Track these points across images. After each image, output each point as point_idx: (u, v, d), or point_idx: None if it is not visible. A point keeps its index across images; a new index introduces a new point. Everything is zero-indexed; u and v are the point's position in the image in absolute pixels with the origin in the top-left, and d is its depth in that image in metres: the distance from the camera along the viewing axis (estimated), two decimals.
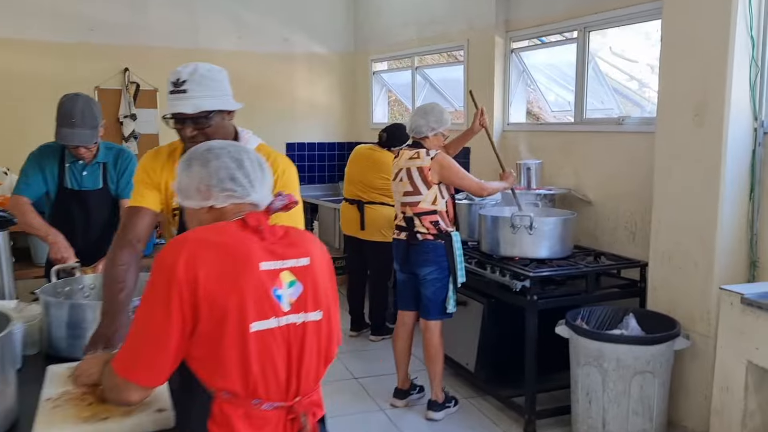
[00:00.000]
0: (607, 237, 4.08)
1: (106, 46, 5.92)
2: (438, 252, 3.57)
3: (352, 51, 6.96)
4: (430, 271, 3.58)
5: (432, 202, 3.55)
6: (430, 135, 3.64)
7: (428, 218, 3.56)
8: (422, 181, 3.54)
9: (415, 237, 3.60)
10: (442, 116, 3.65)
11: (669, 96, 3.31)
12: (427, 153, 3.55)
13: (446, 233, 3.58)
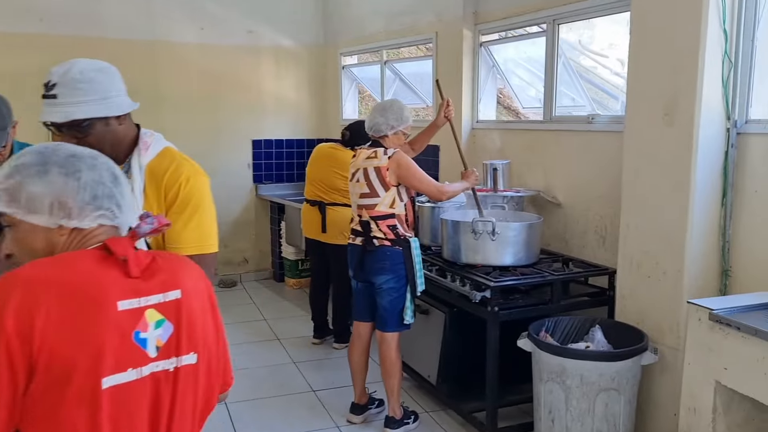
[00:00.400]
0: (577, 241, 3.89)
1: (56, 37, 5.64)
2: (395, 259, 3.36)
3: (321, 44, 6.71)
4: (387, 280, 3.37)
5: (390, 205, 3.34)
6: (390, 134, 3.43)
7: (385, 222, 3.35)
8: (380, 183, 3.33)
9: (371, 242, 3.38)
10: (402, 113, 3.44)
11: (638, 93, 3.11)
12: (385, 152, 3.34)
13: (404, 239, 3.37)
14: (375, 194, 3.34)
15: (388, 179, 3.31)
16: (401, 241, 3.36)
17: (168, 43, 6.05)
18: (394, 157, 3.32)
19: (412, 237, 3.41)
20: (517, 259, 3.43)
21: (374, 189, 3.34)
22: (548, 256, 3.76)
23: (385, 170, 3.31)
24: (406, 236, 3.38)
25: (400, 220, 3.37)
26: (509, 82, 4.76)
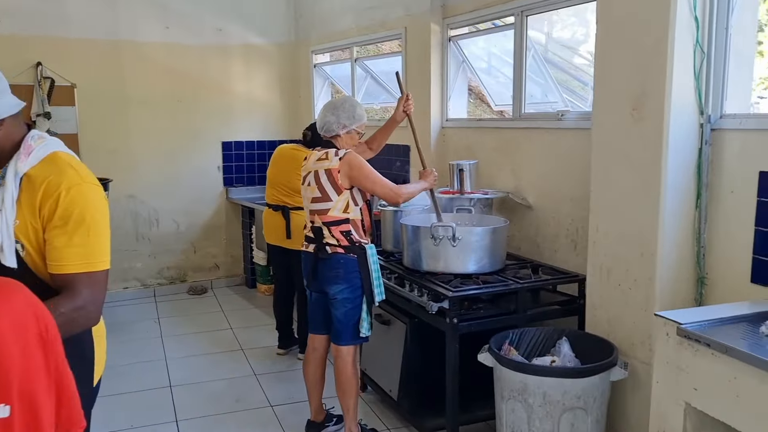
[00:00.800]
0: (549, 245, 3.66)
1: (15, 37, 5.40)
2: (349, 267, 3.13)
3: (292, 41, 6.48)
4: (341, 290, 3.14)
5: (343, 209, 3.11)
6: (342, 133, 3.20)
7: (339, 228, 3.12)
8: (331, 186, 3.10)
9: (323, 249, 3.15)
10: (355, 111, 3.21)
11: (605, 87, 2.88)
12: (336, 153, 3.11)
13: (359, 245, 3.14)
14: (327, 198, 3.12)
15: (340, 182, 3.08)
16: (356, 248, 3.13)
17: (133, 43, 5.81)
18: (346, 158, 3.09)
19: (368, 243, 3.18)
20: (481, 266, 3.20)
21: (326, 193, 3.12)
22: (517, 261, 3.54)
23: (336, 172, 3.08)
24: (362, 243, 3.15)
25: (355, 226, 3.15)
26: (480, 79, 4.53)
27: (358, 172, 3.09)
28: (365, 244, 3.16)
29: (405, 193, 3.19)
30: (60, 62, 5.54)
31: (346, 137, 3.21)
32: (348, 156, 3.09)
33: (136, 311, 5.69)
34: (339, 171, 3.07)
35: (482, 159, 4.13)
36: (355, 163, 3.09)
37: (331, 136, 3.21)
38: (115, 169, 5.83)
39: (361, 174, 3.09)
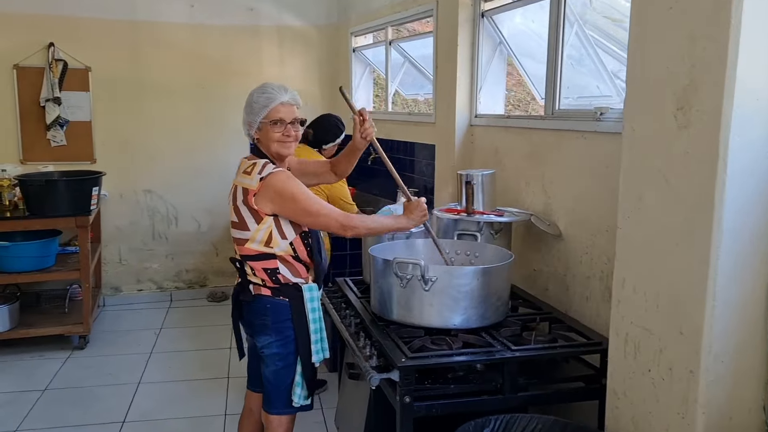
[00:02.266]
0: (579, 288, 2.72)
1: (26, 15, 5.00)
2: (279, 315, 2.37)
3: (333, 23, 5.74)
4: (269, 343, 2.39)
5: (264, 242, 2.35)
6: (254, 134, 2.44)
7: (261, 265, 2.37)
8: (248, 211, 2.33)
9: (246, 290, 2.41)
10: (251, 101, 2.41)
11: (639, 80, 1.93)
12: (261, 170, 2.33)
13: (294, 286, 2.37)
14: (244, 226, 2.36)
15: (258, 206, 2.31)
16: (288, 289, 2.36)
17: (153, 23, 5.29)
18: (269, 180, 2.29)
19: (306, 283, 2.40)
20: (465, 319, 2.33)
21: (242, 218, 2.35)
22: (529, 311, 2.64)
23: (252, 195, 2.30)
24: (296, 283, 2.37)
25: (285, 262, 2.38)
26: (521, 64, 3.59)
27: (290, 203, 2.30)
28: (302, 284, 2.38)
29: (360, 225, 2.36)
30: (74, 43, 5.10)
31: (262, 137, 2.41)
32: (272, 178, 2.29)
33: (143, 318, 5.18)
34: (256, 194, 2.29)
35: (510, 168, 3.22)
36: (281, 187, 2.29)
37: (255, 142, 2.46)
38: (131, 161, 5.36)
39: (290, 204, 2.31)
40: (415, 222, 2.42)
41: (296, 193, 2.30)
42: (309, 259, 2.43)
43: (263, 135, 2.40)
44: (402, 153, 4.52)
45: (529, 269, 3.08)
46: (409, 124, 4.46)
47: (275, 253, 2.35)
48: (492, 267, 2.38)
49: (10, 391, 3.87)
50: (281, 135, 2.38)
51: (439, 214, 2.93)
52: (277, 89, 2.39)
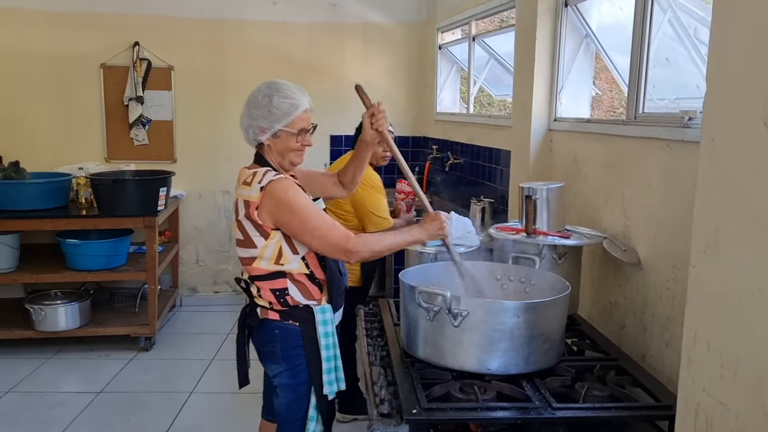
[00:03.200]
0: (659, 331, 2.24)
1: (114, 15, 5.04)
2: (289, 341, 2.13)
3: (422, 20, 5.41)
4: (279, 372, 2.16)
5: (274, 259, 2.12)
6: (265, 141, 2.17)
7: (269, 285, 2.13)
8: (252, 225, 2.11)
9: (253, 313, 2.18)
10: (271, 104, 2.14)
11: (723, 75, 1.46)
12: (261, 178, 2.10)
13: (304, 309, 2.10)
14: (250, 243, 2.13)
15: (263, 221, 2.08)
16: (298, 312, 2.10)
17: (236, 22, 5.19)
18: (269, 188, 2.06)
19: (320, 305, 2.11)
20: (504, 364, 1.93)
21: (248, 235, 2.14)
22: (593, 357, 2.18)
23: (255, 208, 2.08)
24: (308, 305, 2.09)
25: (297, 281, 2.12)
26: (612, 61, 3.09)
27: (282, 212, 2.06)
28: (315, 306, 2.09)
29: (363, 249, 2.07)
30: (158, 42, 5.09)
31: (276, 145, 2.16)
32: (272, 186, 2.06)
33: (214, 321, 5.09)
34: (259, 206, 2.07)
35: (590, 181, 2.76)
36: (280, 196, 2.05)
37: (258, 148, 2.22)
38: (210, 162, 5.30)
39: (285, 214, 2.06)
40: (430, 235, 2.13)
41: (294, 205, 2.04)
42: (324, 276, 2.15)
43: (279, 143, 2.15)
44: (481, 159, 4.11)
45: (605, 301, 2.62)
46: (488, 128, 4.05)
47: (286, 270, 2.11)
48: (540, 302, 1.96)
49: (67, 392, 3.85)
50: (301, 144, 2.16)
51: (494, 232, 2.54)
52: (298, 93, 2.17)
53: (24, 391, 3.85)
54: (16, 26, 4.94)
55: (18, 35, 4.95)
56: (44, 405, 3.67)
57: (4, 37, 4.94)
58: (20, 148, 4.99)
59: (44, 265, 4.51)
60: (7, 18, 4.93)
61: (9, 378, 4.00)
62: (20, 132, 5.05)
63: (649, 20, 2.35)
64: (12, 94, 5.02)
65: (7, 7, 4.90)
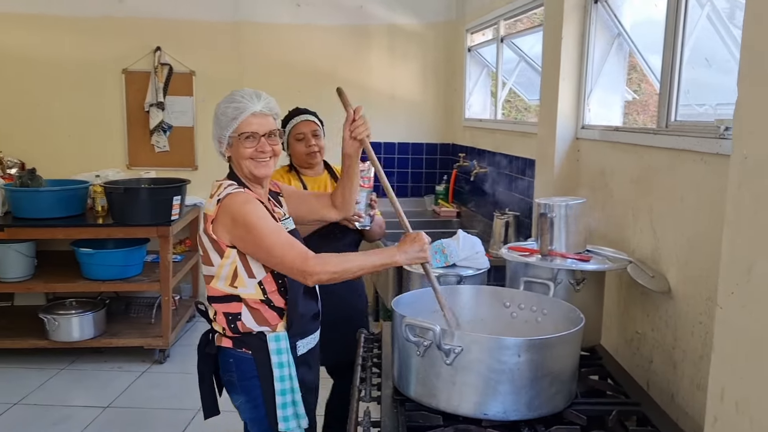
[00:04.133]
0: (690, 370, 1.96)
1: (136, 20, 4.96)
2: (244, 371, 2.00)
3: (451, 21, 5.16)
4: (241, 403, 2.04)
5: (229, 281, 1.97)
6: (225, 152, 2.06)
7: (223, 308, 2.01)
8: (209, 241, 1.98)
9: (209, 340, 2.07)
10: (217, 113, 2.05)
11: (757, 83, 1.20)
12: (219, 191, 1.97)
13: (257, 336, 1.96)
14: (208, 260, 2.01)
15: (218, 237, 1.94)
16: (251, 339, 1.97)
17: (257, 25, 5.06)
18: (225, 202, 1.92)
19: (273, 331, 1.97)
20: (503, 409, 1.67)
21: (206, 251, 2.00)
22: (611, 400, 1.91)
23: (211, 222, 1.95)
24: (262, 331, 1.96)
25: (251, 307, 1.98)
26: (647, 63, 2.80)
27: (237, 227, 1.90)
28: (268, 333, 1.95)
29: (321, 270, 1.87)
30: (179, 47, 4.99)
31: (233, 155, 2.04)
32: (228, 200, 1.92)
33: None
34: (215, 220, 1.94)
35: (618, 196, 2.49)
36: (235, 210, 1.89)
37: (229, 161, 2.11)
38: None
39: (240, 229, 1.89)
40: (409, 258, 1.92)
41: (251, 220, 1.87)
42: (284, 302, 1.98)
43: (234, 152, 2.02)
44: (507, 168, 3.85)
45: (632, 331, 2.34)
46: (515, 135, 3.79)
47: (240, 295, 1.96)
48: (546, 339, 1.70)
49: (73, 405, 3.74)
50: (254, 151, 1.97)
51: (506, 253, 2.28)
52: (247, 97, 2.01)
53: (32, 404, 3.76)
54: (39, 32, 4.90)
55: (40, 41, 4.91)
56: (49, 420, 3.57)
57: (26, 43, 4.91)
58: (43, 154, 4.96)
59: (60, 274, 4.44)
60: (29, 24, 4.89)
61: (19, 389, 3.92)
62: (43, 138, 5.02)
63: (683, 15, 2.07)
64: (35, 100, 4.98)
65: (30, 13, 4.87)
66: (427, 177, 5.32)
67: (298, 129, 2.82)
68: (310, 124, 2.85)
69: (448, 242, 2.31)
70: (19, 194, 4.22)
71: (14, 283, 4.33)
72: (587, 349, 2.22)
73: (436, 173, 5.30)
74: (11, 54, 4.91)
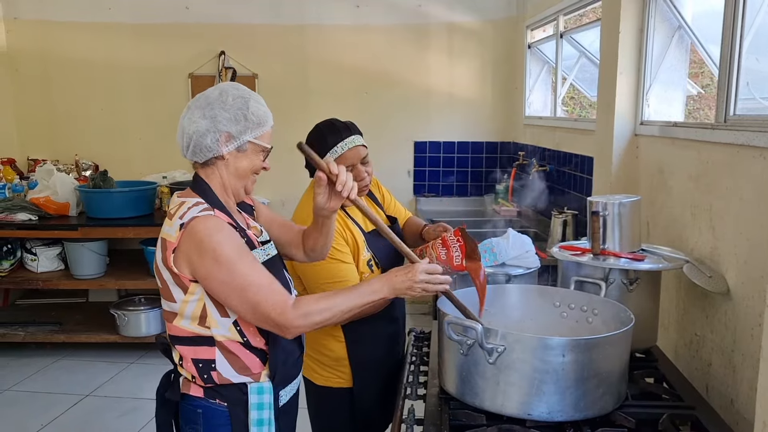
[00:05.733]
0: (749, 373, 1.87)
1: (201, 26, 5.12)
2: (213, 427, 1.71)
3: (512, 17, 5.10)
4: None
5: (197, 320, 1.65)
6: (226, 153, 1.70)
7: (191, 353, 1.68)
8: (169, 273, 1.63)
9: (172, 385, 1.78)
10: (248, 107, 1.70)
11: None
12: (186, 211, 1.62)
13: (237, 387, 1.71)
14: (168, 294, 1.66)
15: (179, 270, 1.60)
16: (229, 391, 1.70)
17: (318, 27, 5.13)
18: (191, 226, 1.57)
19: (256, 381, 1.72)
20: (547, 409, 1.64)
21: (165, 283, 1.66)
22: (663, 404, 1.85)
23: (172, 251, 1.60)
24: (243, 382, 1.71)
25: (227, 350, 1.67)
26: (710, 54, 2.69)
27: (204, 258, 1.56)
28: (250, 384, 1.71)
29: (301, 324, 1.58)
30: (243, 51, 5.12)
31: (237, 162, 1.70)
32: (195, 224, 1.57)
33: None
34: (176, 249, 1.59)
35: (676, 194, 2.41)
36: (202, 237, 1.56)
37: (205, 164, 1.71)
38: (293, 168, 5.20)
39: (207, 261, 1.56)
40: (396, 290, 1.68)
41: (222, 252, 1.54)
42: (266, 344, 1.72)
43: (243, 159, 1.70)
44: (567, 166, 3.78)
45: (691, 333, 2.26)
46: (574, 132, 3.71)
47: (213, 336, 1.65)
48: (592, 339, 1.67)
49: (141, 398, 3.89)
50: (263, 163, 1.75)
51: (557, 252, 2.24)
52: (265, 105, 1.76)
53: (102, 396, 3.94)
54: (111, 40, 5.12)
55: (111, 48, 5.13)
56: (117, 411, 3.73)
57: (98, 50, 5.14)
58: (115, 157, 5.18)
59: (130, 271, 4.63)
60: (101, 32, 5.12)
61: (91, 381, 4.12)
62: (115, 142, 5.24)
63: (742, 3, 1.98)
64: (107, 106, 5.21)
65: (101, 21, 5.10)
66: (488, 176, 5.27)
67: (348, 159, 2.15)
68: (361, 149, 2.20)
69: (498, 241, 2.29)
70: (91, 195, 4.42)
71: (88, 280, 4.54)
72: (643, 351, 2.16)
73: (496, 172, 5.25)
74: (85, 61, 5.15)
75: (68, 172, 4.91)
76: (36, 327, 4.58)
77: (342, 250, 2.15)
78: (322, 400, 2.36)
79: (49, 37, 5.13)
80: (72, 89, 5.20)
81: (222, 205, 1.70)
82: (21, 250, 4.66)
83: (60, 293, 5.13)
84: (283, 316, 1.57)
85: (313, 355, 2.33)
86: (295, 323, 1.58)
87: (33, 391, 3.98)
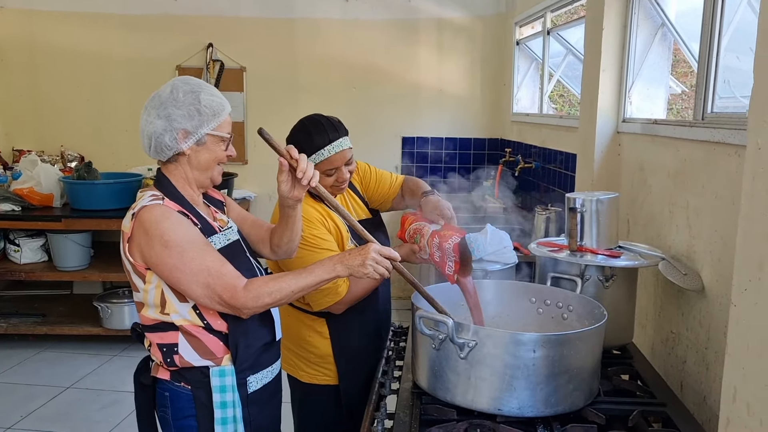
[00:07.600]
0: (722, 370, 1.86)
1: (188, 18, 5.09)
2: (180, 408, 1.76)
3: (501, 14, 5.09)
4: None
5: (159, 307, 1.70)
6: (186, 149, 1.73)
7: (157, 338, 1.74)
8: (129, 264, 1.70)
9: (144, 369, 1.84)
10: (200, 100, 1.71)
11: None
12: (135, 204, 1.70)
13: (199, 371, 1.74)
14: (133, 285, 1.74)
15: (134, 258, 1.67)
16: (192, 373, 1.73)
17: (307, 21, 5.11)
18: (140, 215, 1.64)
19: (217, 365, 1.73)
20: (518, 405, 1.65)
21: (129, 274, 1.74)
22: (635, 400, 1.85)
23: (127, 241, 1.67)
24: (206, 366, 1.73)
25: (190, 335, 1.71)
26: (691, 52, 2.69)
27: (152, 244, 1.60)
28: (212, 367, 1.73)
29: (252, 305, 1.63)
30: (230, 43, 5.10)
31: (198, 156, 1.73)
32: (144, 212, 1.63)
33: None
34: (130, 239, 1.66)
35: (656, 191, 2.41)
36: (150, 225, 1.61)
37: (168, 161, 1.74)
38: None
39: (156, 246, 1.60)
40: (350, 268, 1.69)
41: (170, 238, 1.59)
42: (227, 328, 1.74)
43: (204, 153, 1.72)
44: (552, 163, 3.78)
45: (666, 330, 2.26)
46: (559, 129, 3.72)
47: (174, 322, 1.69)
48: (563, 335, 1.67)
49: (122, 390, 3.87)
50: (225, 156, 1.77)
51: (534, 248, 2.24)
52: (218, 94, 1.76)
53: (83, 388, 3.92)
54: (98, 31, 5.09)
55: (98, 39, 5.10)
56: (99, 403, 3.72)
57: (86, 40, 5.10)
58: (101, 148, 5.16)
59: (114, 263, 4.60)
60: (88, 22, 5.09)
61: (73, 373, 4.10)
62: (101, 133, 5.21)
63: (720, 1, 1.98)
64: (94, 97, 5.18)
65: (88, 12, 5.06)
66: (475, 172, 5.27)
67: (334, 162, 2.15)
68: (347, 152, 2.19)
69: (476, 236, 2.27)
70: (76, 187, 4.40)
71: (71, 272, 4.51)
72: (618, 348, 2.16)
73: (483, 168, 5.25)
74: (72, 52, 5.12)
75: (53, 163, 4.88)
76: (18, 318, 4.56)
77: (325, 239, 2.15)
78: (307, 398, 2.35)
79: (35, 26, 5.10)
80: (58, 80, 5.17)
81: (182, 198, 1.73)
82: (4, 241, 4.63)
83: (44, 285, 5.10)
84: (234, 299, 1.61)
85: (298, 351, 2.33)
86: (247, 305, 1.63)
87: (14, 383, 3.96)
